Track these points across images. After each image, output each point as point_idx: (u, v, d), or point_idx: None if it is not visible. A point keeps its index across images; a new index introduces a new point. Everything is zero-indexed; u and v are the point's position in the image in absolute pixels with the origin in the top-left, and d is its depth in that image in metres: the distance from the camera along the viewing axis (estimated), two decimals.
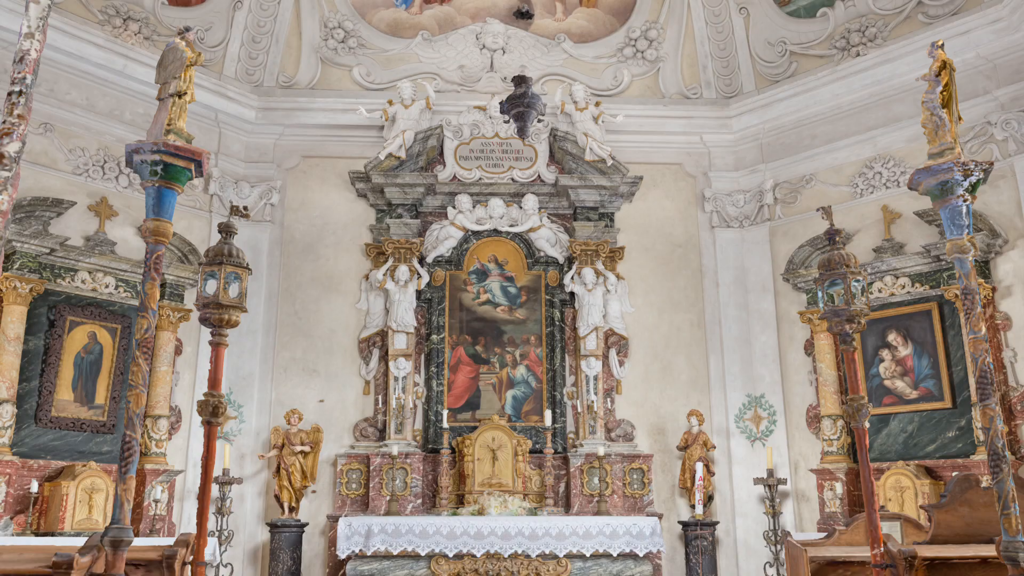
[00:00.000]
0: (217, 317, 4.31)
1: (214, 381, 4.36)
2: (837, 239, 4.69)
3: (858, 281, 4.49)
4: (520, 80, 5.60)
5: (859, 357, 9.45)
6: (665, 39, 11.25)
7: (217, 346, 4.41)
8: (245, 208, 4.75)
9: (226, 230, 4.51)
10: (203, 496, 4.17)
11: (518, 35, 11.24)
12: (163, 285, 9.41)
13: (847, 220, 9.84)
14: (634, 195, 10.84)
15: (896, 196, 9.59)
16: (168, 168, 3.37)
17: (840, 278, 4.45)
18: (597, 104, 10.71)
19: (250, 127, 10.76)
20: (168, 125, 3.40)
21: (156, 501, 8.59)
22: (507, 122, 5.91)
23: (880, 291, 9.41)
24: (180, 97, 3.43)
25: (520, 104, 5.57)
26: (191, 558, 4.17)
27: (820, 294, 4.63)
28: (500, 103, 5.83)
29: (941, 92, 3.60)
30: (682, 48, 11.24)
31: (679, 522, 9.69)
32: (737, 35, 11.02)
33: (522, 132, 5.71)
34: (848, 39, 10.21)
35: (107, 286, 9.10)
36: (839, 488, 9.03)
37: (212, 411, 4.25)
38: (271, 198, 10.60)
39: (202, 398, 4.33)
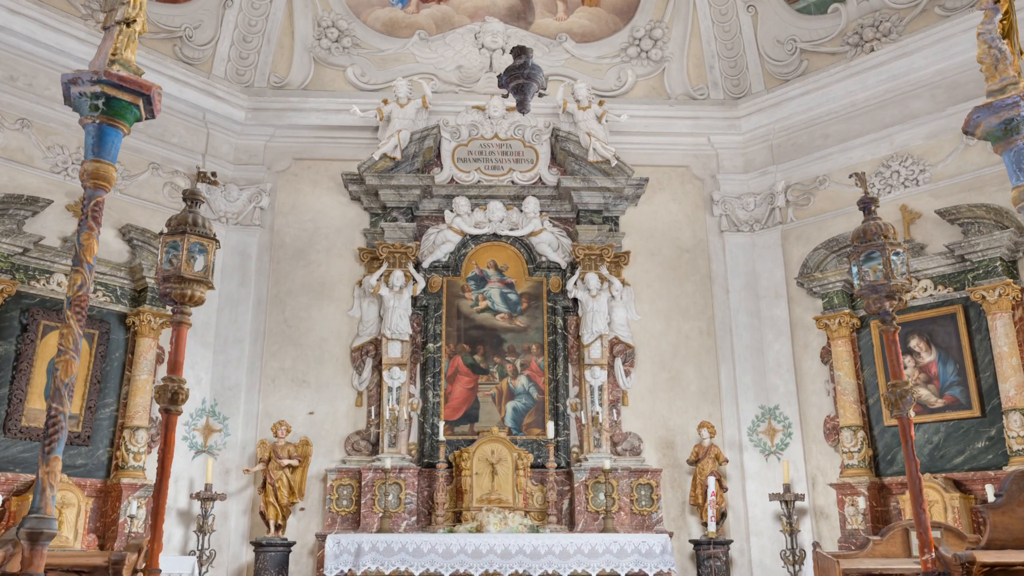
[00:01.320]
0: (179, 292, 3.82)
1: (174, 364, 3.85)
2: (873, 208, 4.20)
3: (898, 254, 4.00)
4: (519, 51, 5.17)
5: (880, 364, 8.94)
6: (670, 39, 10.87)
7: (179, 325, 3.91)
8: (214, 174, 4.28)
9: (191, 198, 4.04)
10: (158, 494, 3.66)
11: (518, 34, 10.84)
12: (144, 289, 8.93)
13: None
14: (639, 198, 10.39)
15: (915, 195, 9.13)
16: (111, 103, 2.90)
17: (878, 250, 3.96)
18: (600, 103, 10.30)
19: (239, 128, 10.34)
20: (113, 55, 2.93)
21: (132, 517, 8.03)
22: (505, 96, 5.46)
23: None
24: (128, 25, 2.96)
25: (520, 76, 5.13)
26: (143, 565, 3.65)
27: (854, 270, 4.13)
28: (498, 76, 5.40)
29: (1000, 21, 3.12)
30: (688, 48, 10.86)
31: (690, 541, 9.11)
32: (745, 34, 10.64)
33: (522, 106, 5.26)
34: (861, 35, 9.81)
35: None
36: (861, 503, 8.45)
37: (171, 398, 3.75)
38: (260, 201, 10.16)
39: (160, 383, 3.81)
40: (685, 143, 10.67)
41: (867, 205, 4.26)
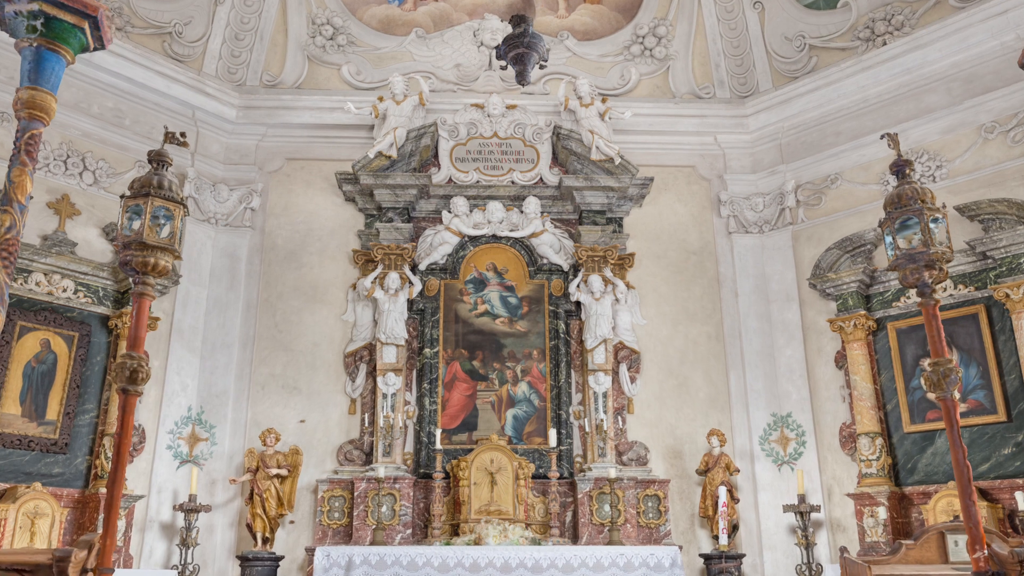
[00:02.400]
0: (140, 260, 3.42)
1: (134, 340, 3.46)
2: (907, 172, 3.82)
3: (936, 220, 3.61)
4: (519, 19, 4.83)
5: (899, 367, 8.52)
6: (675, 36, 10.56)
7: (140, 297, 3.51)
8: (183, 134, 3.92)
9: (157, 159, 3.66)
10: (113, 484, 3.25)
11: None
12: (128, 290, 8.53)
13: (878, 219, 9.01)
14: (644, 198, 10.03)
15: (934, 192, 8.72)
16: (51, 23, 2.54)
17: (915, 215, 3.57)
18: (603, 100, 9.96)
19: (230, 127, 10.01)
20: None
21: None
22: (504, 68, 5.10)
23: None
24: None
25: (519, 45, 4.78)
26: (94, 564, 3.23)
27: (888, 239, 3.75)
28: (496, 47, 5.05)
29: None
30: (693, 46, 10.54)
31: (700, 555, 8.63)
32: (751, 31, 10.33)
33: (521, 77, 4.91)
34: (873, 28, 9.50)
35: (65, 290, 8.24)
36: (882, 514, 8.00)
37: (129, 376, 3.34)
38: (251, 202, 9.80)
39: (119, 360, 3.41)
40: (691, 142, 10.33)
41: (901, 168, 3.88)
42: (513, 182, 9.89)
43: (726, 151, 10.30)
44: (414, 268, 9.50)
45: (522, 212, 9.72)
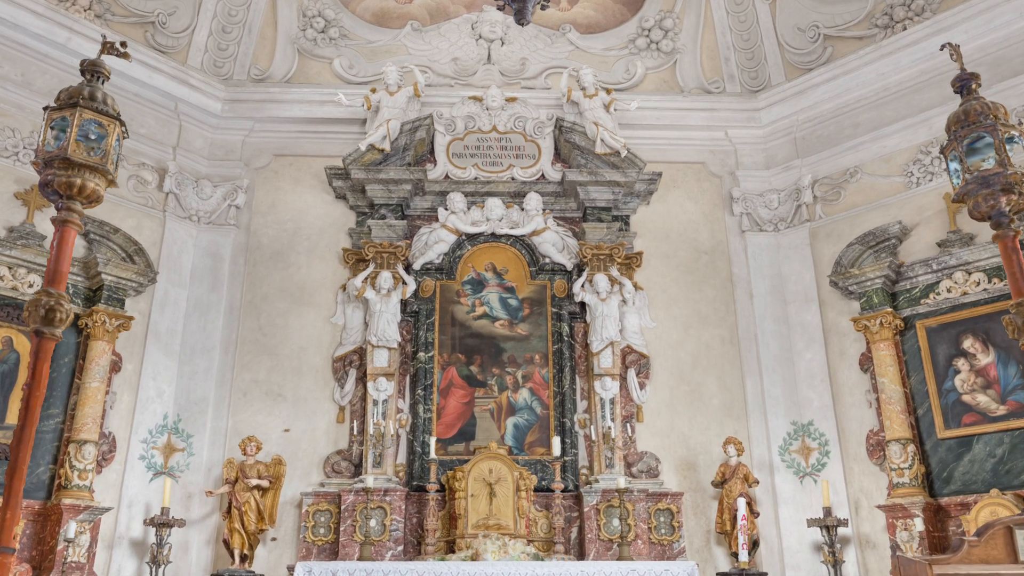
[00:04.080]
0: (65, 180, 2.84)
1: (54, 275, 2.87)
2: (974, 87, 3.24)
3: (1013, 139, 3.03)
4: None
5: (930, 368, 7.89)
6: (682, 29, 10.10)
7: (63, 224, 2.92)
8: (124, 44, 3.36)
9: (92, 69, 3.10)
10: (18, 445, 2.64)
11: (518, 25, 10.07)
12: (100, 288, 7.97)
13: (902, 213, 8.50)
14: (652, 195, 9.48)
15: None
16: None
17: (987, 132, 2.99)
18: (608, 92, 9.46)
19: (216, 121, 9.51)
20: None
21: (68, 541, 6.91)
22: (501, 8, 4.59)
23: (949, 291, 7.92)
24: None
25: None
26: None
27: (953, 165, 3.16)
28: None
29: None
30: (701, 39, 10.08)
31: (718, 574, 7.91)
32: (762, 23, 9.86)
33: (521, 16, 4.43)
34: (891, 15, 9.04)
35: (31, 285, 7.64)
36: (917, 526, 7.31)
37: (45, 316, 2.75)
38: (236, 199, 9.26)
39: (34, 296, 2.82)
40: (700, 137, 9.81)
41: (965, 83, 3.31)
42: (513, 178, 9.35)
43: (738, 146, 9.78)
44: (408, 268, 8.93)
45: (523, 209, 9.17)
